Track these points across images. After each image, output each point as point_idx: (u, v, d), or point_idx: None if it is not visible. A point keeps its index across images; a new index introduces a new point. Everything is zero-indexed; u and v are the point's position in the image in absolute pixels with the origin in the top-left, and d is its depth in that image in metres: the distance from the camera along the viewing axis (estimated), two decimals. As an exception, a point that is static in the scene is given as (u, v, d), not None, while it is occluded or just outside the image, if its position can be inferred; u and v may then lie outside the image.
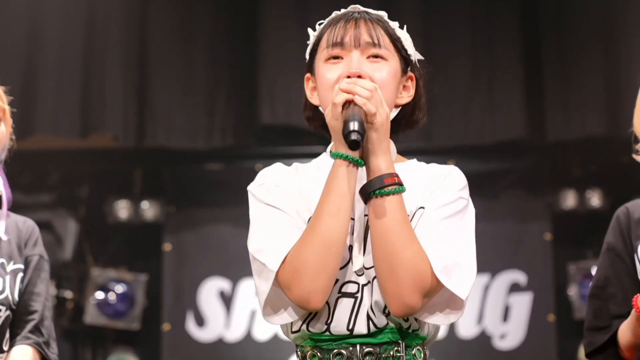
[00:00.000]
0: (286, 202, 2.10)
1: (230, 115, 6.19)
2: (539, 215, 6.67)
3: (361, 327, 2.05)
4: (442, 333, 2.21)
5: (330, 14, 2.25)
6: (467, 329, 6.54)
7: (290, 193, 2.12)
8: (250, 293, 6.65)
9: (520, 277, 6.61)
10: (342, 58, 2.14)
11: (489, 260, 6.37)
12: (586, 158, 6.72)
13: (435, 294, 2.03)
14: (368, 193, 2.04)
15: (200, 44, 6.16)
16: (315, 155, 2.27)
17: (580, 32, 6.11)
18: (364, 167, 2.08)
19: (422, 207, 2.09)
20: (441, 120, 6.01)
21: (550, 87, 6.16)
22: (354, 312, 2.06)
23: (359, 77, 2.09)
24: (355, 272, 2.07)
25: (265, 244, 2.06)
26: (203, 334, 6.65)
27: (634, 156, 2.61)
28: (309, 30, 2.26)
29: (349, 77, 2.09)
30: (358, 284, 2.07)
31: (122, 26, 6.05)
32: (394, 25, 2.22)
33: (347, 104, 2.02)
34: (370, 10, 2.21)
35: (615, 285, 2.58)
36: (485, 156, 6.68)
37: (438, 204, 2.08)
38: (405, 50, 2.21)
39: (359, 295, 2.06)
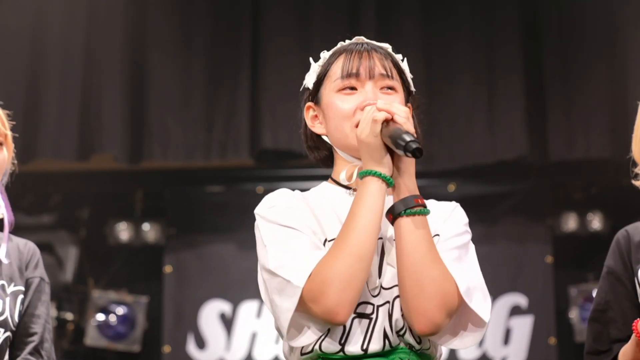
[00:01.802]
0: (302, 224, 2.10)
1: (230, 138, 6.19)
2: (539, 238, 6.67)
3: (375, 347, 2.06)
4: (443, 356, 2.21)
5: (330, 41, 2.28)
6: (468, 352, 6.53)
7: (305, 216, 2.13)
8: (251, 315, 6.65)
9: (521, 300, 6.60)
10: (356, 89, 2.18)
11: (490, 282, 6.24)
12: (587, 181, 6.72)
13: (455, 315, 2.06)
14: (398, 212, 2.06)
15: (199, 66, 6.16)
16: (317, 177, 2.28)
17: (584, 51, 6.06)
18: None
19: (437, 235, 2.14)
20: (442, 142, 6.00)
21: (553, 107, 6.12)
22: (369, 333, 2.07)
23: None
24: (370, 293, 2.08)
25: (288, 260, 2.04)
26: (204, 356, 6.64)
27: (633, 182, 2.62)
28: (311, 60, 2.29)
29: (364, 108, 2.14)
30: (373, 305, 2.08)
31: (121, 48, 6.05)
32: (398, 57, 2.27)
33: (385, 122, 2.05)
34: (376, 43, 2.26)
35: (615, 309, 2.58)
36: (485, 179, 6.68)
37: (450, 234, 2.13)
38: (408, 82, 2.27)
39: (373, 316, 2.07)
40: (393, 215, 2.07)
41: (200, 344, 6.65)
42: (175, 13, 6.17)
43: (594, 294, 2.68)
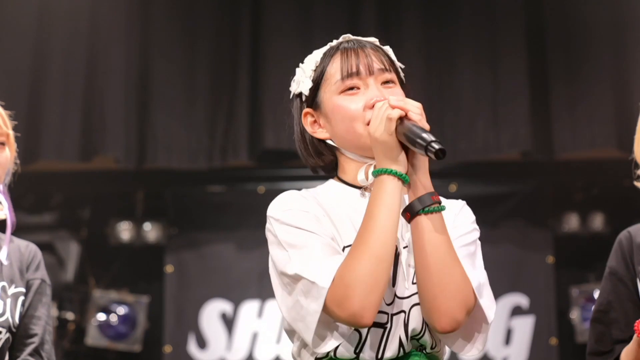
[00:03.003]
0: (320, 228, 2.07)
1: (231, 137, 6.19)
2: (541, 239, 6.66)
3: (389, 354, 2.06)
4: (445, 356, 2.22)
5: (331, 41, 2.25)
6: (469, 352, 6.51)
7: (322, 222, 2.09)
8: (252, 315, 6.65)
9: (522, 300, 6.60)
10: (357, 88, 2.15)
11: (491, 283, 6.31)
12: (589, 181, 6.71)
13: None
14: (416, 211, 2.04)
15: (201, 67, 6.16)
16: (318, 177, 2.26)
17: (589, 45, 6.01)
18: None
19: None
20: (444, 139, 5.95)
21: (557, 101, 6.06)
22: (383, 341, 2.06)
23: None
24: (384, 301, 2.05)
25: (311, 263, 2.01)
26: (205, 356, 6.63)
27: (635, 183, 2.62)
28: (302, 66, 2.26)
29: (374, 105, 2.10)
30: (387, 313, 2.06)
31: (124, 50, 6.06)
32: (386, 49, 2.25)
33: (399, 119, 2.02)
34: (364, 38, 2.23)
35: (618, 310, 2.58)
36: (487, 179, 6.67)
37: (459, 233, 2.12)
38: (399, 73, 2.25)
39: (388, 325, 2.06)
40: (411, 214, 2.05)
41: (201, 343, 6.65)
42: (177, 17, 6.18)
43: (595, 295, 2.69)
